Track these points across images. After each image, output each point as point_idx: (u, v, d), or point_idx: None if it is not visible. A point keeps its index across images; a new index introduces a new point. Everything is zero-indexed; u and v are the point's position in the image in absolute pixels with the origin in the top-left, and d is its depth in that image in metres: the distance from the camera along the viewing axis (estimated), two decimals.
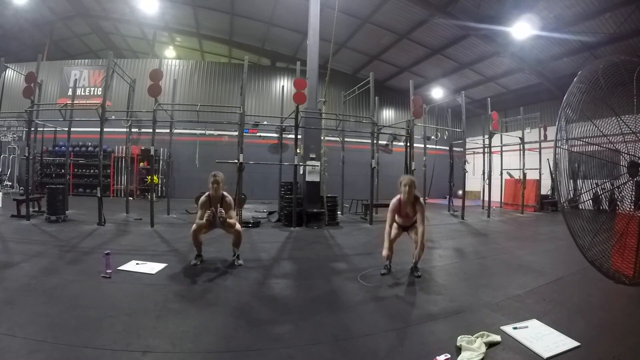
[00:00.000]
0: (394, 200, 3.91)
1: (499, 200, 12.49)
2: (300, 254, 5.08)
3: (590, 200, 3.18)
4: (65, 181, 8.73)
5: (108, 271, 3.50)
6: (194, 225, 3.99)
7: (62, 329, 2.34)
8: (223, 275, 3.76)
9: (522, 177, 11.27)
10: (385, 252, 3.77)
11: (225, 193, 4.14)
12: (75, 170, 12.92)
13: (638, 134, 3.00)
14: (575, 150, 3.13)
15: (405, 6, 10.86)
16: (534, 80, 13.96)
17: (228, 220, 4.00)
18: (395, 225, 3.98)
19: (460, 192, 11.00)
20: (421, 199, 3.92)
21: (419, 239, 3.71)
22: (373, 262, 4.34)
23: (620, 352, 2.21)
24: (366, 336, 2.44)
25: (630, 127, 3.01)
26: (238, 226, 4.18)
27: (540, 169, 11.74)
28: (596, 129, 3.10)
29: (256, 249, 5.23)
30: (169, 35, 17.09)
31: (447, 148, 11.86)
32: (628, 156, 3.03)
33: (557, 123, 3.11)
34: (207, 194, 4.11)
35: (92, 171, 12.83)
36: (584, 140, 3.09)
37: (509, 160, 12.30)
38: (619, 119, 3.02)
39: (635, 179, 3.03)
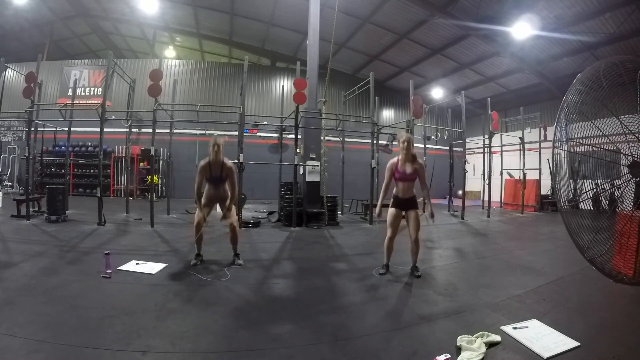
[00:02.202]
0: (391, 160, 3.85)
1: (499, 200, 12.49)
2: (300, 254, 5.08)
3: (590, 200, 3.18)
4: (65, 181, 8.72)
5: (108, 271, 3.50)
6: (196, 216, 3.97)
7: (62, 329, 2.34)
8: (223, 275, 3.76)
9: (522, 177, 11.27)
10: (377, 211, 3.90)
11: (225, 159, 4.07)
12: (75, 170, 12.91)
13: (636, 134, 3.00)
14: (575, 151, 3.12)
15: (405, 6, 10.86)
16: (534, 80, 13.96)
17: (227, 211, 4.00)
18: (393, 212, 3.86)
19: (460, 192, 11.00)
20: (420, 160, 3.84)
21: (426, 198, 3.80)
22: (373, 262, 4.34)
23: (620, 352, 2.21)
24: (366, 336, 2.44)
25: (629, 127, 3.01)
26: (235, 219, 4.13)
27: (540, 169, 11.73)
28: (597, 129, 3.10)
29: (256, 249, 5.23)
30: (169, 35, 17.09)
31: (447, 148, 11.85)
32: (631, 157, 3.03)
33: (555, 124, 3.11)
34: (206, 159, 4.04)
35: (92, 171, 12.83)
36: (584, 140, 3.09)
37: (509, 160, 12.30)
38: (619, 120, 3.02)
39: (636, 179, 3.03)
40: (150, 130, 7.36)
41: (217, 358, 2.13)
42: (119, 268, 3.76)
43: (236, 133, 7.52)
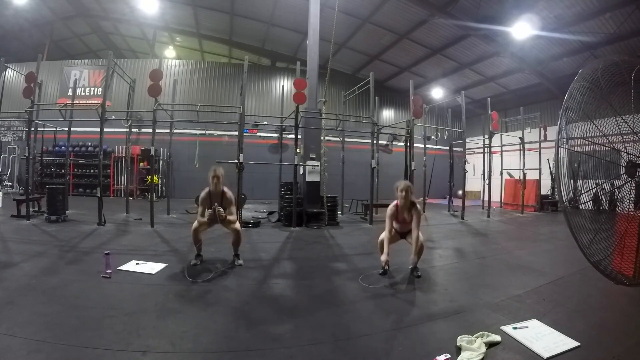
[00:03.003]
0: (391, 206, 3.94)
1: (499, 200, 12.49)
2: (300, 254, 5.08)
3: (591, 201, 3.17)
4: (65, 181, 8.72)
5: (108, 271, 3.50)
6: (195, 223, 3.98)
7: (62, 329, 2.34)
8: (223, 275, 3.76)
9: (522, 177, 11.27)
10: (384, 258, 3.70)
11: (225, 189, 4.11)
12: (75, 170, 12.91)
13: (637, 134, 2.99)
14: (576, 150, 3.10)
15: (405, 6, 10.86)
16: (534, 80, 13.97)
17: (228, 217, 4.00)
18: (390, 212, 3.94)
19: (460, 192, 11.00)
20: (418, 205, 3.92)
21: (414, 243, 3.72)
22: (373, 262, 4.34)
23: (620, 353, 2.21)
24: (366, 336, 2.44)
25: (630, 126, 3.01)
26: (238, 225, 4.16)
27: (540, 169, 11.74)
28: (596, 129, 3.09)
29: (256, 249, 5.23)
30: (169, 35, 17.08)
31: (447, 148, 11.86)
32: (627, 155, 3.03)
33: (559, 121, 3.05)
34: (207, 190, 4.08)
35: (92, 171, 12.83)
36: (587, 139, 3.06)
37: (509, 160, 12.30)
38: (617, 119, 3.02)
39: (635, 179, 3.02)
40: (150, 130, 7.35)
41: (217, 358, 2.13)
42: (119, 268, 3.76)
43: (236, 133, 7.52)
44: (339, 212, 8.71)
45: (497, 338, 2.35)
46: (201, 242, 4.13)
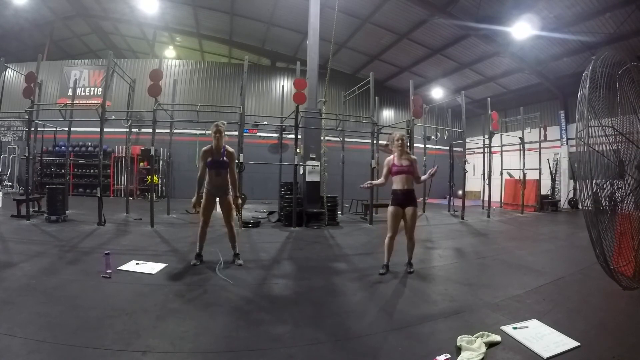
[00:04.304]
0: (388, 158, 4.12)
1: (499, 200, 12.48)
2: (300, 254, 5.08)
3: (605, 200, 3.11)
4: (65, 181, 8.72)
5: (108, 271, 3.50)
6: (201, 222, 4.08)
7: (62, 329, 2.34)
8: (223, 275, 3.76)
9: (522, 177, 11.27)
10: (374, 182, 4.39)
11: (227, 146, 4.20)
12: (75, 170, 12.92)
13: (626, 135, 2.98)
14: (596, 149, 2.95)
15: (405, 6, 10.86)
16: (534, 80, 13.97)
17: (233, 205, 4.10)
18: (392, 210, 3.94)
19: (460, 192, 11.00)
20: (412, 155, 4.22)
21: (427, 177, 4.11)
22: (373, 262, 4.35)
23: (620, 352, 2.21)
24: (366, 336, 2.44)
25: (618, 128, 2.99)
26: (233, 216, 4.21)
27: (540, 169, 11.73)
28: (600, 128, 3.05)
29: (256, 249, 5.23)
30: (169, 35, 17.09)
31: (447, 148, 11.85)
32: (628, 150, 2.99)
33: (581, 112, 2.85)
34: (209, 145, 4.17)
35: (92, 171, 12.83)
36: (626, 135, 2.98)
37: (509, 160, 12.30)
38: (638, 117, 2.99)
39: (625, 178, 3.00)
40: (150, 130, 7.36)
41: (217, 358, 2.13)
42: (119, 268, 3.76)
43: (236, 133, 7.52)
44: (339, 212, 8.71)
45: (497, 338, 2.34)
46: (205, 239, 4.18)
